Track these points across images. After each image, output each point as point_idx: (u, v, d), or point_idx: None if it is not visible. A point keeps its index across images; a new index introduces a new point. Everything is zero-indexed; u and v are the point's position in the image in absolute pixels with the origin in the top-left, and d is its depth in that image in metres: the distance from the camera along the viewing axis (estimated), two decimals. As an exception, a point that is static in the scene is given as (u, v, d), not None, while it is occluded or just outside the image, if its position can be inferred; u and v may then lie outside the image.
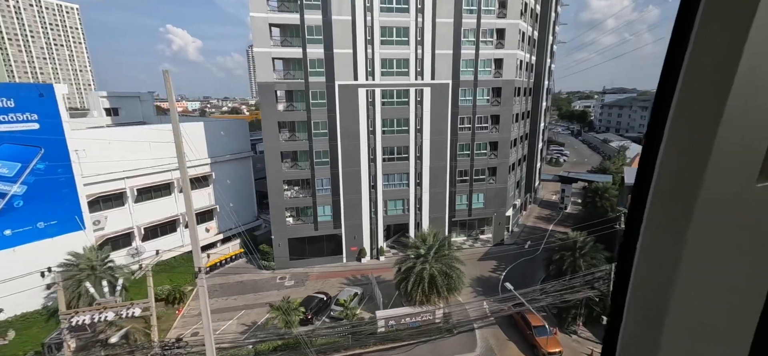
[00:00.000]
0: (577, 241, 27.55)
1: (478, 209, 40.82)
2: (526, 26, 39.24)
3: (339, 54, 33.14)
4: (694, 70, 0.78)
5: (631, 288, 0.97)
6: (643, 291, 0.94)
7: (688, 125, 0.80)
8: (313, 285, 33.92)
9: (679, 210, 0.83)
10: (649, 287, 0.93)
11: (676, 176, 0.83)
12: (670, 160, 0.84)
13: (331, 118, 34.49)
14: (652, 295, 0.92)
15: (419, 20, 34.14)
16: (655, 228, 0.89)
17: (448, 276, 26.68)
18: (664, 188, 0.86)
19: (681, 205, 0.83)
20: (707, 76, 0.76)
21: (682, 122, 0.81)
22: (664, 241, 0.87)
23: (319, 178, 35.81)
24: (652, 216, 0.89)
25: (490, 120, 38.74)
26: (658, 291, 0.90)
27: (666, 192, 0.85)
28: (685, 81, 0.79)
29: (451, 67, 35.98)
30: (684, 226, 0.83)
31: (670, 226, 0.86)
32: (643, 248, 0.93)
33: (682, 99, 0.80)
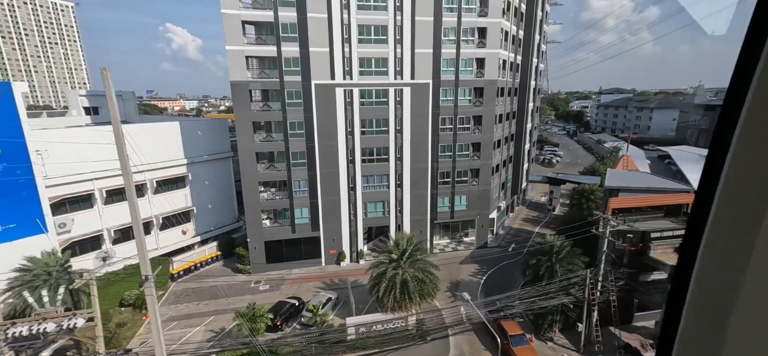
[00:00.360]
0: (554, 246, 26.80)
1: (460, 212, 40.05)
2: (509, 25, 38.52)
3: (315, 52, 32.30)
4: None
5: (692, 289, 0.95)
6: (705, 292, 0.92)
7: (763, 127, 0.78)
8: (288, 290, 33.05)
9: (750, 213, 0.81)
10: (712, 289, 0.90)
11: (748, 178, 0.81)
12: (741, 161, 0.82)
13: (308, 118, 33.63)
14: (715, 297, 0.89)
15: (398, 18, 33.35)
16: (721, 230, 0.87)
17: (422, 281, 25.88)
18: (733, 190, 0.84)
19: (752, 208, 0.80)
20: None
21: (756, 123, 0.79)
22: (732, 244, 0.85)
23: (296, 179, 34.95)
24: (718, 218, 0.87)
25: (473, 121, 37.98)
26: (722, 293, 0.87)
27: (735, 194, 0.84)
28: (761, 82, 0.77)
29: (431, 67, 35.20)
30: (755, 230, 0.79)
31: (739, 229, 0.83)
32: (706, 250, 0.91)
33: (757, 100, 0.78)
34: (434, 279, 26.87)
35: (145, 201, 35.91)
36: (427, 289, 25.82)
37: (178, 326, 27.73)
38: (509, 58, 40.05)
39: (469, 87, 36.75)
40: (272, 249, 36.02)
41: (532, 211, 55.54)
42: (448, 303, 31.30)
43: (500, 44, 36.83)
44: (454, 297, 31.99)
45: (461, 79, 36.26)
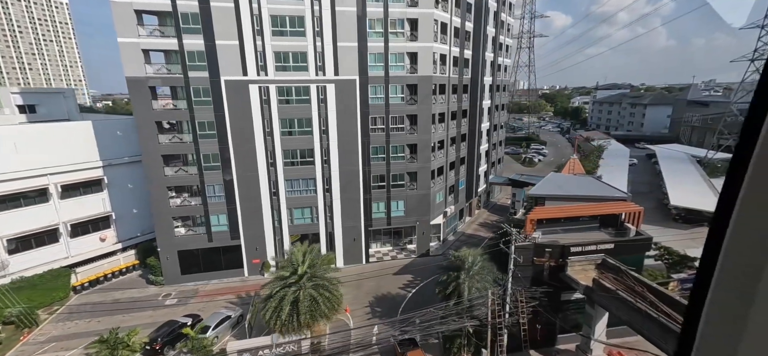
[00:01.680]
0: (466, 260, 24.06)
1: (398, 218, 37.35)
2: (447, 16, 35.59)
3: (223, 46, 29.58)
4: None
5: (713, 289, 0.95)
6: (726, 292, 0.92)
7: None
8: (195, 305, 30.53)
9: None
10: (733, 289, 0.90)
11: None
12: (765, 163, 0.81)
13: (219, 117, 30.96)
14: (736, 298, 0.90)
15: (316, 8, 30.54)
16: (745, 230, 0.86)
17: (315, 301, 23.20)
18: (758, 190, 0.83)
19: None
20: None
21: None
22: (754, 245, 0.85)
23: (209, 184, 32.33)
24: (741, 218, 0.86)
25: (408, 120, 35.20)
26: (743, 294, 0.87)
27: (759, 189, 0.83)
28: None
29: (357, 62, 32.40)
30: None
31: (761, 225, 0.83)
32: (728, 250, 0.90)
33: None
34: (334, 298, 24.19)
35: (50, 207, 33.46)
36: (321, 310, 23.13)
37: (55, 348, 25.27)
38: (450, 52, 37.14)
39: (401, 84, 33.93)
40: (187, 259, 33.49)
41: (495, 214, 52.73)
42: (365, 320, 28.72)
43: (435, 37, 33.97)
44: (371, 314, 29.39)
45: (392, 75, 33.45)
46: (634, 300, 18.02)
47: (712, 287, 0.95)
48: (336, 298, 24.58)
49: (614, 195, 26.36)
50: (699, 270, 0.99)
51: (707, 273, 0.96)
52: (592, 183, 29.57)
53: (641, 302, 17.87)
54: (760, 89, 0.80)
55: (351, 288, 33.34)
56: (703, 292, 0.98)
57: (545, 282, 23.83)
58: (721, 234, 0.91)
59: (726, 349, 0.92)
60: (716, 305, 0.95)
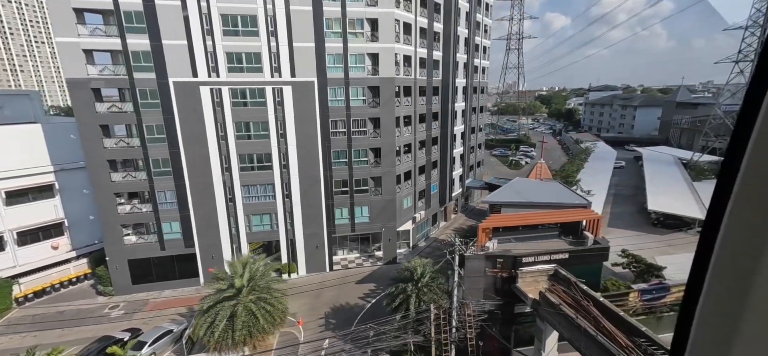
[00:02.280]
0: (415, 272, 22.85)
1: (362, 224, 36.10)
2: (410, 17, 34.49)
3: (170, 46, 28.35)
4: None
5: (707, 286, 0.96)
6: (719, 288, 0.93)
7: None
8: (143, 317, 29.15)
9: (763, 211, 0.82)
10: (725, 285, 0.91)
11: (764, 180, 0.82)
12: (756, 164, 0.83)
13: (169, 120, 29.69)
14: (728, 294, 0.91)
15: (269, 7, 29.37)
16: (736, 232, 0.88)
17: (253, 316, 21.92)
18: (748, 193, 0.85)
19: (766, 206, 0.82)
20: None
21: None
22: (745, 246, 0.86)
23: (160, 190, 31.02)
24: (734, 215, 0.88)
25: (371, 124, 34.01)
26: (736, 296, 0.89)
27: (751, 197, 0.85)
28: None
29: (315, 63, 31.22)
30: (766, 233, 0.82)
31: (752, 232, 0.84)
32: (720, 252, 0.92)
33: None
34: (275, 311, 22.90)
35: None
36: (260, 325, 21.83)
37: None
38: (416, 53, 36.02)
39: (362, 86, 32.76)
40: (139, 268, 32.13)
41: (472, 219, 51.53)
42: (317, 333, 27.42)
43: (398, 37, 32.85)
44: (325, 327, 28.09)
45: (352, 77, 32.28)
46: (576, 316, 16.83)
47: (705, 289, 0.96)
48: (279, 311, 23.33)
49: (574, 202, 25.21)
50: (691, 271, 0.99)
51: (700, 275, 0.96)
52: (556, 189, 28.42)
53: (582, 319, 16.69)
54: (751, 89, 0.80)
55: (309, 298, 32.10)
56: (695, 294, 0.98)
57: (499, 294, 22.68)
58: (714, 236, 0.91)
59: (719, 350, 0.92)
60: (709, 307, 0.95)
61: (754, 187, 0.84)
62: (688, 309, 1.01)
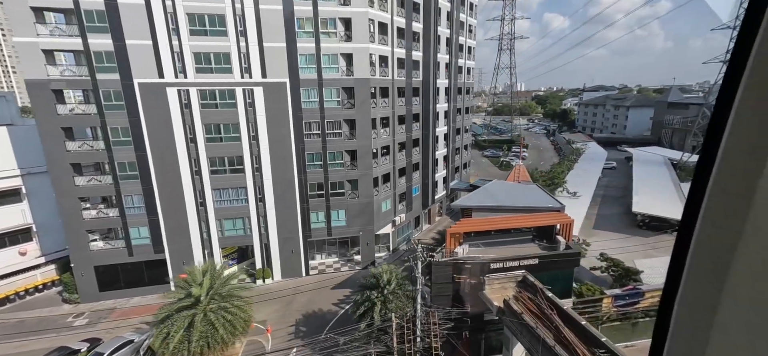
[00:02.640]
0: (380, 278, 22.11)
1: (339, 228, 35.33)
2: (386, 16, 33.82)
3: (134, 46, 27.53)
4: (759, 72, 0.79)
5: (684, 279, 0.98)
6: (695, 288, 0.96)
7: (751, 124, 0.81)
8: (108, 325, 28.26)
9: (734, 212, 0.85)
10: (701, 285, 0.94)
11: (733, 177, 0.85)
12: (727, 161, 0.86)
13: (135, 123, 28.84)
14: (703, 296, 0.93)
15: (238, 6, 28.61)
16: (710, 229, 0.91)
17: (212, 325, 21.10)
18: (719, 190, 0.88)
19: (736, 207, 0.84)
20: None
21: (739, 123, 0.82)
22: (719, 243, 0.89)
23: (127, 194, 30.15)
24: (708, 214, 0.90)
25: (346, 125, 33.27)
26: (712, 291, 0.91)
27: (721, 194, 0.87)
28: (749, 82, 0.80)
29: (286, 64, 30.48)
30: (740, 225, 0.84)
31: (725, 228, 0.87)
32: (696, 249, 0.94)
33: (746, 97, 0.81)
34: (237, 320, 22.10)
35: (-45, 219, 31.04)
36: (219, 335, 21.02)
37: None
38: (393, 53, 35.33)
39: (336, 87, 32.02)
40: (106, 275, 31.22)
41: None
42: (286, 342, 26.61)
43: (371, 38, 32.15)
44: (295, 335, 27.30)
45: (326, 77, 31.55)
46: (536, 325, 16.14)
47: (682, 286, 0.98)
48: (241, 320, 22.51)
49: (548, 205, 24.55)
50: (669, 269, 1.02)
51: (677, 273, 0.99)
52: (533, 192, 27.77)
53: (543, 328, 16.00)
54: (724, 88, 0.83)
55: (282, 304, 31.28)
56: (673, 291, 1.01)
57: (468, 301, 21.97)
58: (689, 236, 0.94)
59: (697, 344, 0.95)
60: (686, 303, 0.98)
61: (726, 184, 0.85)
62: (667, 306, 1.03)
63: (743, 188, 0.82)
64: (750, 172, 0.80)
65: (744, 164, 0.82)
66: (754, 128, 0.79)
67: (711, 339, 0.92)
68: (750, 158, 0.80)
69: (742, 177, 0.82)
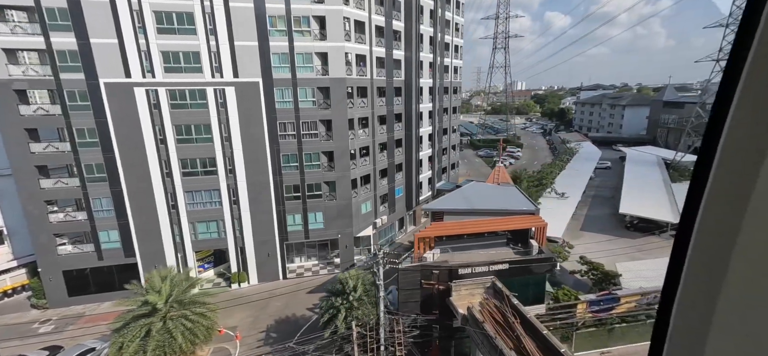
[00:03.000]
0: (346, 284, 21.39)
1: (317, 230, 34.61)
2: (363, 14, 33.06)
3: (99, 44, 26.77)
4: (757, 72, 0.79)
5: (683, 279, 0.98)
6: (693, 289, 0.96)
7: (749, 124, 0.81)
8: (74, 332, 27.51)
9: (732, 212, 0.85)
10: (699, 287, 0.94)
11: (731, 177, 0.85)
12: (725, 162, 0.86)
13: (102, 124, 28.10)
14: (701, 296, 0.94)
15: (206, 4, 27.85)
16: (708, 230, 0.91)
17: (171, 335, 20.37)
18: (718, 190, 0.88)
19: (733, 207, 0.85)
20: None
21: (744, 120, 0.82)
22: (717, 244, 0.89)
23: (95, 197, 29.40)
24: (705, 215, 0.90)
25: (323, 126, 32.54)
26: (709, 291, 0.91)
27: (720, 194, 0.88)
28: (747, 82, 0.80)
29: (259, 63, 29.73)
30: (738, 225, 0.84)
31: (723, 228, 0.87)
32: (694, 250, 0.94)
33: (744, 99, 0.81)
34: (198, 328, 21.37)
35: None
36: (177, 345, 20.28)
37: None
38: (371, 52, 34.58)
39: (311, 86, 31.29)
40: (76, 280, 30.50)
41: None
42: (254, 349, 25.89)
43: (347, 36, 31.41)
44: (265, 341, 26.58)
45: (300, 77, 30.81)
46: (495, 335, 15.42)
47: (681, 287, 0.98)
48: (203, 328, 21.77)
49: (522, 208, 23.83)
50: (668, 270, 1.02)
51: (676, 274, 0.99)
52: (510, 194, 27.05)
53: (503, 337, 15.28)
54: (722, 87, 0.83)
55: (255, 309, 30.57)
56: (672, 292, 1.01)
57: (437, 308, 21.26)
58: (688, 234, 0.93)
59: (696, 342, 0.95)
60: (685, 304, 0.98)
61: (725, 183, 0.85)
62: (665, 310, 1.03)
63: (741, 189, 0.81)
64: (748, 172, 0.80)
65: (742, 164, 0.81)
66: (752, 128, 0.79)
67: (709, 339, 0.91)
68: (748, 158, 0.80)
69: (740, 177, 0.82)
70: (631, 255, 37.04)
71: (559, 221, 40.89)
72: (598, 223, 47.98)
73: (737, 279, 0.85)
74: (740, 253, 0.83)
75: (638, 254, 37.41)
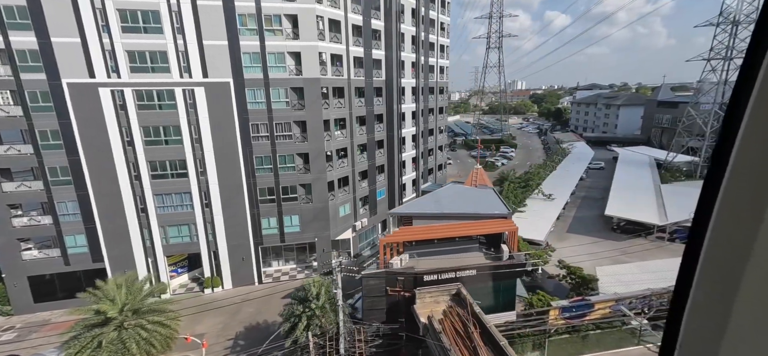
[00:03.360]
0: (309, 292, 20.64)
1: (293, 234, 33.85)
2: (338, 13, 32.31)
3: (61, 44, 25.98)
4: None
5: (695, 285, 0.96)
6: (707, 293, 0.94)
7: (761, 126, 0.80)
8: (37, 340, 26.65)
9: (750, 213, 0.83)
10: (713, 290, 0.92)
11: (748, 178, 0.84)
12: (741, 161, 0.84)
13: (65, 125, 27.29)
14: (717, 293, 0.91)
15: (173, 2, 27.08)
16: (723, 230, 0.89)
17: (125, 346, 19.57)
18: (734, 190, 0.86)
19: (752, 208, 0.83)
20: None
21: (755, 122, 0.81)
22: (733, 244, 0.87)
23: (60, 200, 28.61)
24: (720, 217, 0.89)
25: (298, 127, 31.78)
26: (724, 288, 0.89)
27: (736, 194, 0.86)
28: (765, 83, 0.79)
29: (229, 63, 28.97)
30: (754, 231, 0.82)
31: (739, 229, 0.85)
32: (708, 250, 0.92)
33: (761, 98, 0.80)
34: (155, 337, 20.57)
35: None
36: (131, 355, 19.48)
37: None
38: (348, 51, 33.84)
39: (284, 87, 30.53)
40: (42, 285, 29.70)
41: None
42: (220, 355, 25.14)
43: (321, 35, 30.67)
44: (232, 349, 25.80)
45: (273, 77, 30.05)
46: (450, 346, 14.68)
47: (693, 291, 0.96)
48: (161, 337, 20.98)
49: (494, 212, 23.11)
50: (680, 274, 1.00)
51: (687, 277, 0.97)
52: (485, 198, 26.31)
53: (460, 348, 14.55)
54: (737, 88, 0.82)
55: (226, 315, 29.78)
56: (684, 296, 0.99)
57: (403, 316, 20.51)
58: (701, 236, 0.91)
59: (709, 351, 0.93)
60: (697, 308, 0.96)
61: (739, 188, 0.84)
62: (676, 315, 1.01)
63: (758, 190, 0.79)
64: (765, 173, 0.78)
65: (759, 165, 0.79)
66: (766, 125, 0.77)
67: (723, 345, 0.88)
68: (766, 159, 0.78)
69: (757, 179, 0.80)
70: (615, 258, 36.35)
71: (543, 223, 40.23)
72: (586, 225, 47.33)
73: (755, 283, 0.80)
74: (758, 257, 0.79)
75: (622, 257, 36.76)
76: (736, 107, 0.81)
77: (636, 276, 27.68)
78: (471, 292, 19.97)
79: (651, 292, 22.71)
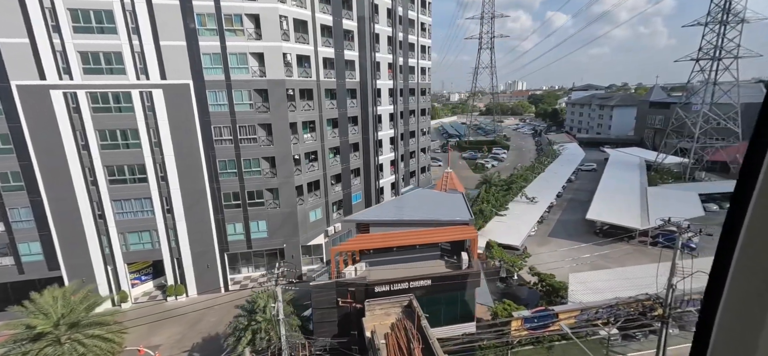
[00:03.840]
0: (256, 304, 19.60)
1: (260, 240, 32.81)
2: (305, 13, 31.38)
3: (8, 44, 24.95)
4: None
5: (728, 287, 0.94)
6: (741, 290, 0.92)
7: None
8: (-18, 352, 25.57)
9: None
10: (748, 285, 0.90)
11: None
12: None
13: (16, 129, 26.26)
14: (751, 295, 0.89)
15: (127, 1, 26.11)
16: (759, 229, 0.86)
17: (59, 359, 18.51)
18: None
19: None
20: None
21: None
22: None
23: (13, 207, 27.54)
24: (755, 215, 0.86)
25: (263, 130, 30.79)
26: (759, 290, 0.87)
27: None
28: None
29: (188, 64, 27.99)
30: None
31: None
32: (743, 247, 0.90)
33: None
34: (97, 352, 19.50)
35: None
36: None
37: None
38: (317, 52, 32.89)
39: (247, 89, 29.54)
40: (-6, 295, 28.57)
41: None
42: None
43: (285, 36, 29.72)
44: (186, 361, 24.73)
45: (235, 79, 29.07)
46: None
47: (726, 292, 0.93)
48: (102, 351, 19.90)
49: (454, 219, 22.11)
50: (711, 275, 0.97)
51: (720, 279, 0.94)
52: (449, 203, 25.33)
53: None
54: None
55: (186, 325, 28.70)
56: (716, 297, 0.96)
57: (356, 329, 19.48)
58: (735, 236, 0.89)
59: (744, 345, 0.90)
60: (731, 310, 0.93)
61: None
62: (708, 317, 0.98)
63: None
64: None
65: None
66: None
67: (759, 348, 0.85)
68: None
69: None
70: (594, 263, 35.42)
71: (523, 227, 39.26)
72: (568, 228, 46.36)
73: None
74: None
75: (601, 262, 35.80)
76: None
77: (609, 283, 26.71)
78: (428, 303, 19.00)
79: (617, 301, 21.72)
